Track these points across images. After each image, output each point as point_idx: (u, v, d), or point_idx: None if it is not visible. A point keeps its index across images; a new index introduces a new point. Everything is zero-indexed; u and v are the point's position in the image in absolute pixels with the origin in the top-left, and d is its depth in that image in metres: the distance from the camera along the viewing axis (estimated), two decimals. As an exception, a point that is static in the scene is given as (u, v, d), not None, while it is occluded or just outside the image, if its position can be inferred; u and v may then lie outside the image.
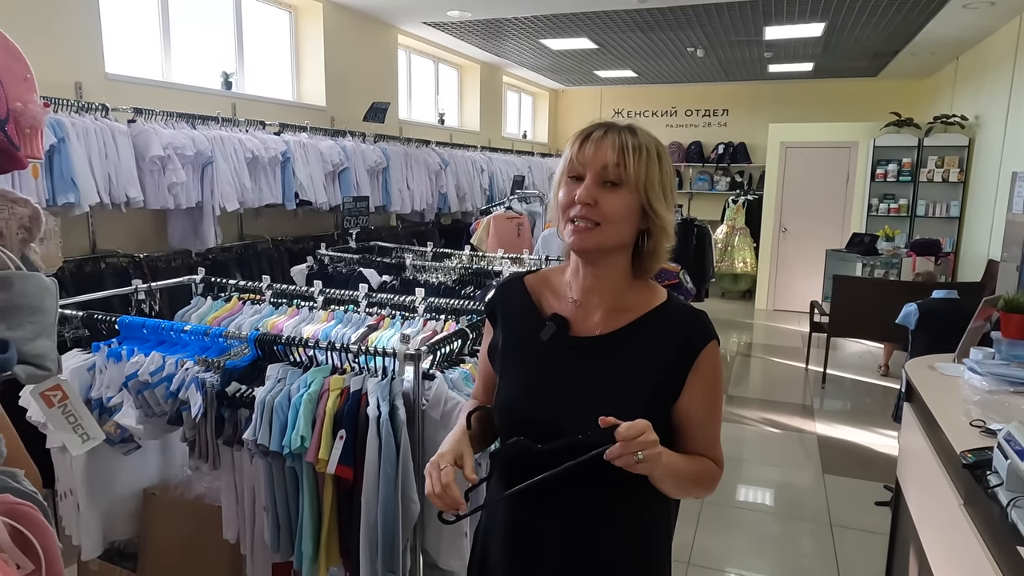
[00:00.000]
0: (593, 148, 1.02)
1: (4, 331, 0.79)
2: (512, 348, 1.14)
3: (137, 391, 1.85)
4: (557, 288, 1.15)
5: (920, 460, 2.30)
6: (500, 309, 1.19)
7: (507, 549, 1.13)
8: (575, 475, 1.06)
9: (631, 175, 1.01)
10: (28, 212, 0.89)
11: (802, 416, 4.66)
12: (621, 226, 1.04)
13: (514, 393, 1.11)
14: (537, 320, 1.12)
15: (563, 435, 1.04)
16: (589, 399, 1.05)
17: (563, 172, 1.06)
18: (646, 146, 1.03)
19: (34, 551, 0.90)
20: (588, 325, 1.10)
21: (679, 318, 1.09)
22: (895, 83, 8.56)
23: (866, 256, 6.47)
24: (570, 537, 1.08)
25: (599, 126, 1.05)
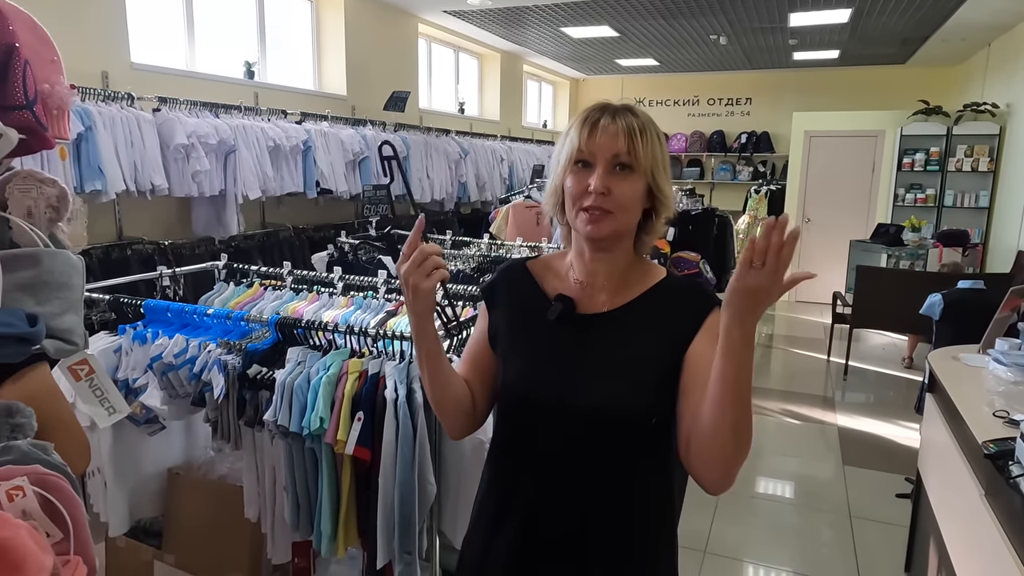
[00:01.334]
0: (604, 136, 1.02)
1: (33, 306, 0.81)
2: (518, 329, 1.14)
3: (161, 372, 1.90)
4: (559, 271, 1.16)
5: (942, 451, 2.27)
6: (502, 292, 1.18)
7: (512, 533, 1.11)
8: (587, 458, 1.07)
9: (641, 159, 1.02)
10: (56, 192, 0.91)
11: (823, 408, 4.62)
12: (633, 211, 1.05)
13: (524, 372, 1.11)
14: (542, 301, 1.13)
15: (577, 409, 1.05)
16: (600, 374, 1.06)
17: (569, 159, 1.05)
18: (648, 127, 1.04)
19: (63, 520, 0.94)
20: (595, 303, 1.10)
21: (682, 290, 1.11)
22: (924, 70, 8.38)
23: (891, 247, 6.37)
24: (578, 520, 1.07)
25: (601, 110, 1.05)
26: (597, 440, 1.06)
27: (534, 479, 1.10)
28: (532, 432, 1.10)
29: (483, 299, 1.21)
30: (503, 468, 1.15)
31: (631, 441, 1.06)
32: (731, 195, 9.27)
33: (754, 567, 2.83)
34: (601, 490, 1.07)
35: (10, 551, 0.81)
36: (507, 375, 1.13)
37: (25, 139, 0.77)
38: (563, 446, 1.08)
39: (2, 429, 1.02)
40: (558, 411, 1.07)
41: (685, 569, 2.74)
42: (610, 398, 1.04)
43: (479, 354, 1.18)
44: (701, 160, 9.69)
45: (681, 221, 5.99)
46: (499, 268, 1.24)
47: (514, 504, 1.11)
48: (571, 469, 1.08)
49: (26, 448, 0.97)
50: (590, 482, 1.07)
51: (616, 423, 1.05)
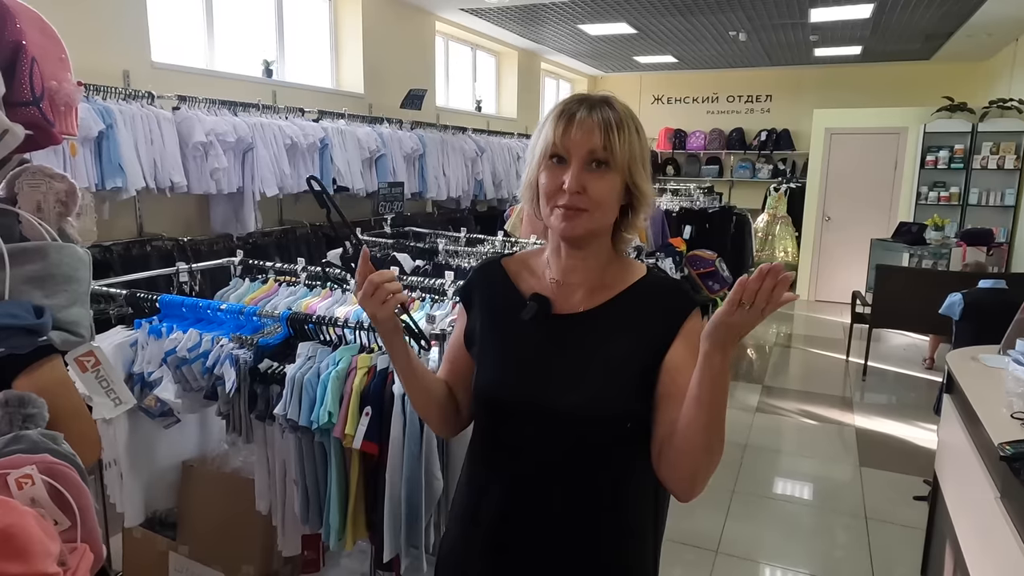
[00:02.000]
0: (579, 131, 0.98)
1: (40, 298, 0.83)
2: (492, 329, 1.12)
3: (176, 366, 1.93)
4: (536, 269, 1.13)
5: (958, 452, 2.23)
6: (477, 292, 1.16)
7: (488, 536, 1.09)
8: (561, 461, 1.04)
9: (618, 156, 0.98)
10: (65, 187, 0.93)
11: (841, 408, 4.57)
12: (609, 209, 1.02)
13: (497, 373, 1.08)
14: (517, 301, 1.10)
15: (551, 412, 1.02)
16: (574, 377, 1.03)
17: (543, 154, 1.01)
18: (626, 121, 1.00)
19: (70, 508, 0.96)
20: (570, 303, 1.07)
21: (661, 290, 1.07)
22: (949, 66, 8.22)
23: (913, 246, 6.27)
24: (551, 527, 1.05)
25: (579, 103, 1.01)
26: (569, 444, 1.03)
27: (504, 481, 1.08)
28: (504, 434, 1.08)
29: (460, 300, 1.19)
30: (476, 468, 1.14)
31: (605, 445, 1.03)
32: (750, 193, 9.18)
33: (767, 568, 2.80)
34: (574, 495, 1.05)
35: (17, 537, 0.83)
36: (479, 376, 1.10)
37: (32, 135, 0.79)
38: (534, 449, 1.05)
39: (15, 419, 1.04)
40: (529, 414, 1.04)
41: (696, 569, 2.73)
42: (583, 401, 1.01)
43: (458, 356, 1.17)
44: (720, 158, 9.60)
45: (698, 219, 5.96)
46: (474, 267, 1.22)
47: (485, 505, 1.09)
48: (542, 473, 1.05)
49: (36, 438, 0.99)
50: (561, 487, 1.04)
51: (589, 427, 1.02)
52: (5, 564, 0.82)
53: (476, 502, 1.12)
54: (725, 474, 3.57)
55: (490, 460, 1.11)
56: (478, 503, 1.11)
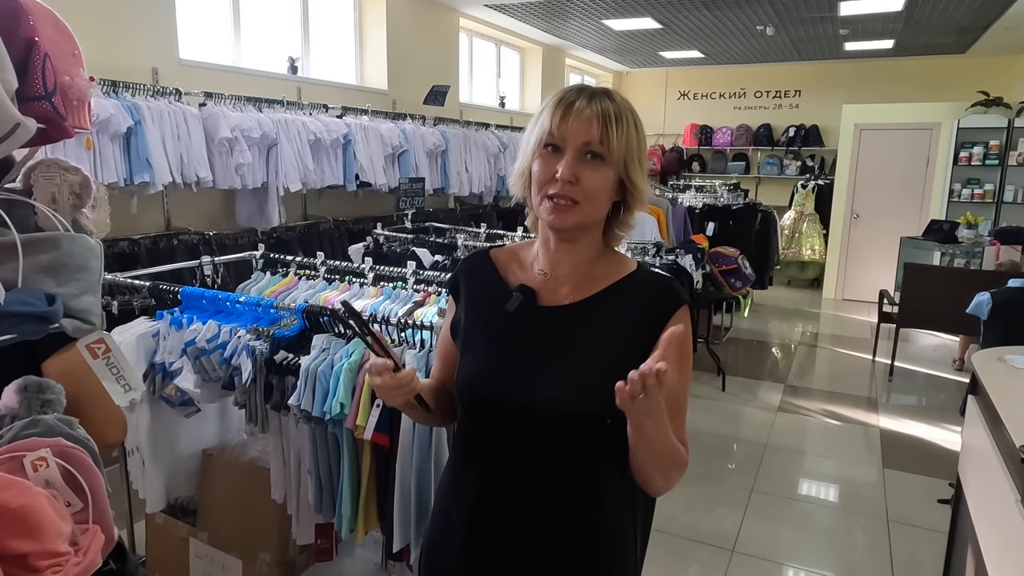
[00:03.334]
0: (576, 121, 0.97)
1: (52, 287, 0.86)
2: (476, 321, 1.11)
3: (195, 357, 1.97)
4: (524, 261, 1.12)
5: (981, 455, 2.19)
6: (464, 283, 1.15)
7: (465, 533, 1.09)
8: (538, 456, 1.04)
9: (613, 149, 0.97)
10: (79, 180, 0.96)
11: (866, 409, 4.49)
12: (600, 202, 1.01)
13: (478, 366, 1.07)
14: (503, 292, 1.09)
15: (530, 406, 1.02)
16: (555, 370, 1.02)
17: (539, 141, 1.00)
18: (625, 115, 0.99)
19: (83, 491, 0.99)
20: (557, 296, 1.06)
21: (649, 285, 1.06)
22: (985, 60, 8.00)
23: (945, 244, 6.12)
24: (528, 522, 1.04)
25: (577, 93, 0.99)
26: (547, 439, 1.02)
27: (481, 476, 1.07)
28: (482, 427, 1.08)
29: (449, 291, 1.18)
30: (457, 460, 1.14)
31: (584, 441, 1.02)
32: (778, 190, 9.05)
33: (783, 568, 2.77)
34: (550, 491, 1.04)
35: (30, 517, 0.86)
36: (461, 368, 1.09)
37: (45, 128, 0.81)
38: (511, 443, 1.04)
39: (33, 404, 1.08)
40: (508, 406, 1.03)
41: (711, 568, 2.71)
42: (562, 396, 1.00)
43: (447, 349, 1.17)
44: (747, 154, 9.48)
45: (722, 216, 5.90)
46: (463, 259, 1.21)
47: (462, 500, 1.09)
48: (518, 468, 1.04)
49: (52, 422, 1.03)
50: (538, 483, 1.04)
51: (567, 422, 1.01)
52: (18, 542, 0.85)
53: (454, 497, 1.12)
54: (744, 473, 3.53)
55: (468, 453, 1.11)
56: (455, 498, 1.11)
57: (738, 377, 5.05)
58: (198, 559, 2.30)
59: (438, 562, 1.14)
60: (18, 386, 1.11)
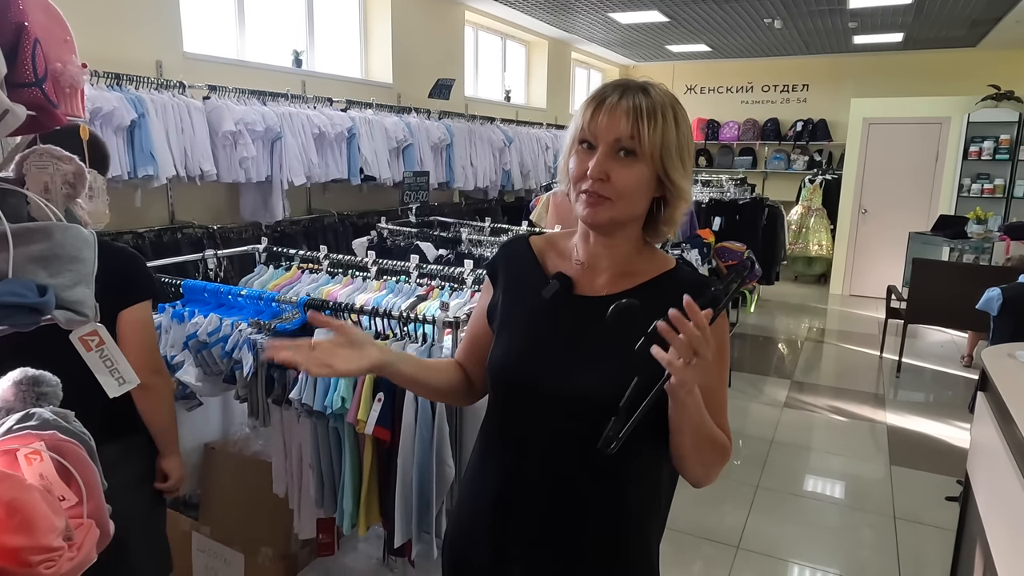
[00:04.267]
0: (607, 117, 0.96)
1: (45, 278, 0.85)
2: (512, 306, 1.11)
3: (196, 350, 1.96)
4: (563, 250, 1.12)
5: (990, 452, 2.16)
6: (503, 268, 1.16)
7: (491, 519, 1.09)
8: (564, 448, 1.04)
9: (646, 145, 0.95)
10: (73, 169, 0.94)
11: (873, 405, 4.45)
12: (634, 199, 0.99)
13: (511, 351, 1.08)
14: (540, 279, 1.09)
15: (560, 394, 1.02)
16: (587, 359, 1.02)
17: (574, 139, 1.01)
18: (661, 110, 0.96)
19: (77, 485, 0.98)
20: (594, 286, 1.06)
21: (687, 284, 1.03)
22: (996, 54, 7.90)
23: (954, 240, 6.07)
24: (554, 513, 1.04)
25: (613, 88, 0.99)
26: (575, 427, 1.02)
27: (510, 462, 1.07)
28: (512, 413, 1.08)
29: (487, 274, 1.18)
30: (486, 446, 1.14)
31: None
32: (785, 185, 8.99)
33: (788, 565, 2.75)
34: (578, 479, 1.04)
35: (21, 511, 0.85)
36: (493, 352, 1.10)
37: (35, 116, 0.80)
38: (541, 430, 1.04)
39: (28, 397, 1.07)
40: (538, 393, 1.04)
41: (716, 564, 2.69)
42: (592, 385, 1.00)
43: (479, 330, 1.18)
44: (754, 149, 9.42)
45: (728, 210, 5.86)
46: (502, 244, 1.21)
47: (489, 487, 1.09)
48: (546, 455, 1.04)
49: (47, 415, 1.01)
50: (566, 470, 1.03)
51: (597, 411, 0.99)
52: (10, 537, 0.84)
53: (481, 484, 1.13)
54: (749, 469, 3.51)
55: (498, 440, 1.11)
56: (483, 485, 1.12)
57: (744, 373, 5.02)
58: (200, 553, 2.30)
59: (463, 547, 1.15)
60: (13, 379, 1.10)
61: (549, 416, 1.04)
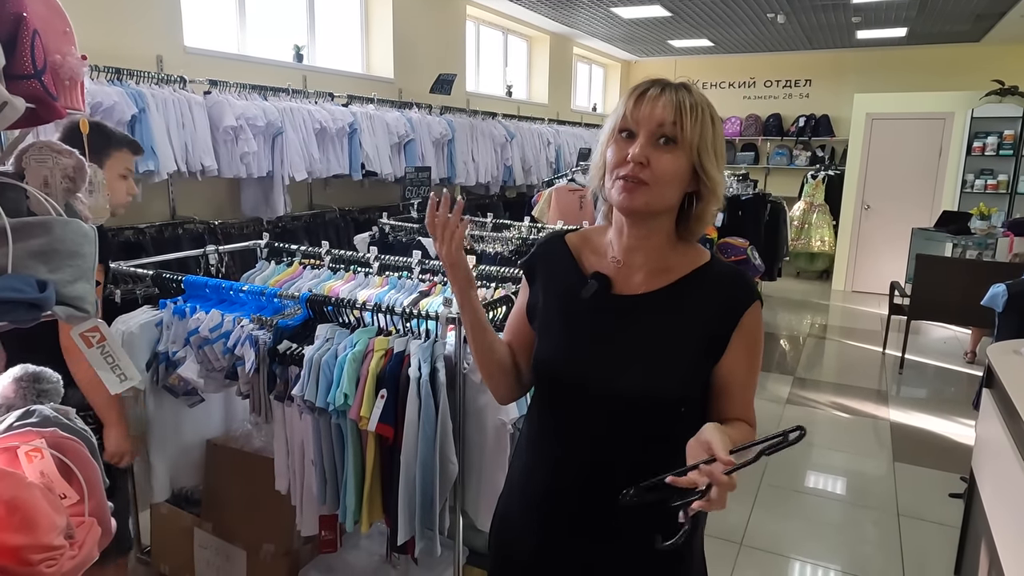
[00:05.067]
0: (650, 106, 0.99)
1: (45, 273, 0.83)
2: (553, 306, 1.13)
3: (198, 346, 1.95)
4: (598, 247, 1.14)
5: (996, 448, 2.15)
6: (540, 267, 1.17)
7: (539, 513, 1.14)
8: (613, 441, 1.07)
9: (687, 135, 0.98)
10: (72, 163, 0.93)
11: (876, 402, 4.44)
12: (671, 187, 1.01)
13: (554, 351, 1.10)
14: (579, 278, 1.11)
15: (606, 393, 1.05)
16: (631, 358, 1.05)
17: (614, 128, 1.03)
18: (701, 106, 1.00)
19: (79, 483, 0.97)
20: (631, 284, 1.08)
21: (723, 278, 1.07)
22: (1000, 48, 7.86)
23: (957, 236, 6.04)
24: (604, 504, 1.06)
25: (655, 83, 1.02)
26: (621, 424, 1.05)
27: (556, 456, 1.11)
28: (559, 411, 1.11)
29: (524, 273, 1.20)
30: (534, 445, 1.16)
31: (658, 426, 1.05)
32: (787, 181, 8.96)
33: (792, 562, 2.74)
34: (624, 474, 1.04)
35: (22, 509, 0.84)
36: (539, 352, 1.13)
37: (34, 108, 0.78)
38: (587, 428, 1.07)
39: (28, 394, 1.06)
40: (584, 392, 1.06)
41: (720, 560, 2.68)
42: (639, 384, 1.03)
43: (520, 327, 1.20)
44: (756, 144, 9.38)
45: (730, 206, 5.83)
46: (539, 242, 1.24)
47: (536, 482, 1.13)
48: (594, 451, 1.07)
49: (48, 412, 1.00)
50: (613, 466, 1.06)
51: (644, 409, 1.04)
52: (11, 535, 0.83)
53: (527, 479, 1.16)
54: (752, 466, 3.49)
55: (545, 437, 1.14)
56: (528, 480, 1.15)
57: (746, 369, 5.00)
58: (202, 549, 2.29)
59: (510, 539, 1.18)
60: (14, 375, 1.09)
61: (595, 413, 1.07)
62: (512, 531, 1.19)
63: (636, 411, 1.04)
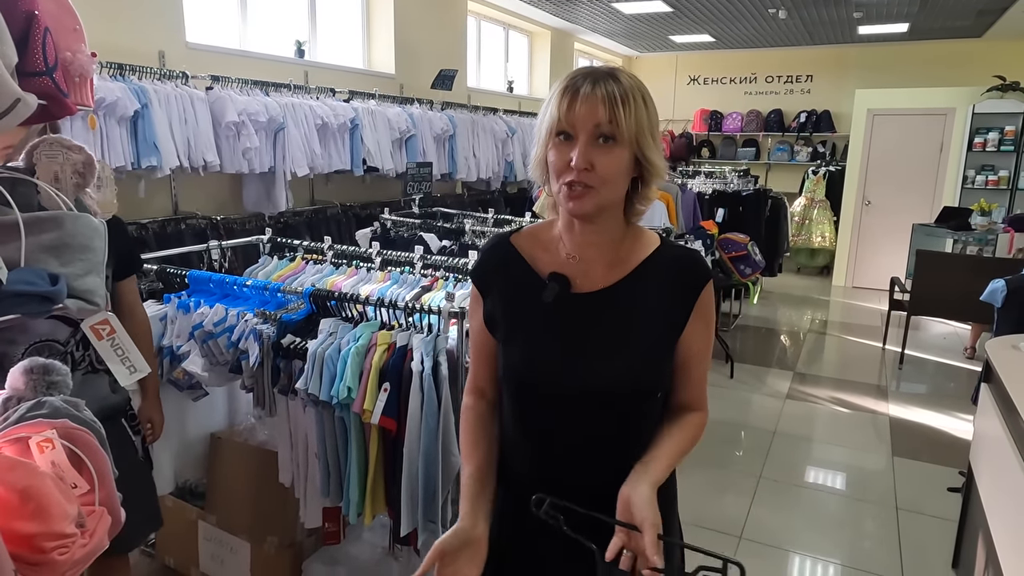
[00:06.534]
0: (584, 106, 0.96)
1: (56, 267, 0.85)
2: (514, 312, 1.10)
3: (202, 340, 1.97)
4: (549, 244, 1.11)
5: (994, 443, 2.17)
6: (491, 276, 1.14)
7: (517, 528, 1.13)
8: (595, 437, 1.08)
9: (623, 129, 0.96)
10: (82, 159, 0.95)
11: (875, 397, 4.46)
12: (617, 184, 1.00)
13: (527, 358, 1.08)
14: (535, 280, 1.08)
15: (588, 391, 1.05)
16: (605, 354, 1.05)
17: (550, 130, 0.99)
18: (632, 93, 0.97)
19: (89, 473, 0.98)
20: (590, 280, 1.07)
21: (678, 261, 1.08)
22: (1002, 44, 7.85)
23: (958, 231, 6.05)
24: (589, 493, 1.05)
25: (582, 78, 0.98)
26: (606, 418, 1.06)
27: (540, 457, 1.10)
28: (538, 413, 1.09)
29: (475, 284, 1.16)
30: (510, 448, 1.15)
31: (637, 414, 1.07)
32: (788, 176, 8.96)
33: (791, 555, 2.76)
34: (609, 463, 1.07)
35: (35, 498, 0.86)
36: (509, 360, 1.10)
37: (46, 105, 0.80)
38: (572, 426, 1.07)
39: (39, 385, 1.07)
40: (565, 393, 1.06)
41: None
42: (618, 378, 1.04)
43: (484, 344, 1.16)
44: (757, 140, 9.38)
45: (732, 202, 5.85)
46: (482, 248, 1.19)
47: (522, 481, 1.12)
48: (578, 445, 1.08)
49: (58, 404, 1.02)
50: (598, 457, 1.08)
51: (624, 400, 1.05)
52: (24, 524, 0.85)
53: (510, 479, 1.15)
54: (751, 460, 3.52)
55: (522, 438, 1.13)
56: (513, 480, 1.15)
57: (747, 364, 5.02)
58: (207, 541, 2.32)
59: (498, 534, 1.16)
60: (24, 368, 1.10)
61: (575, 411, 1.07)
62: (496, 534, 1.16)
63: (616, 405, 1.05)
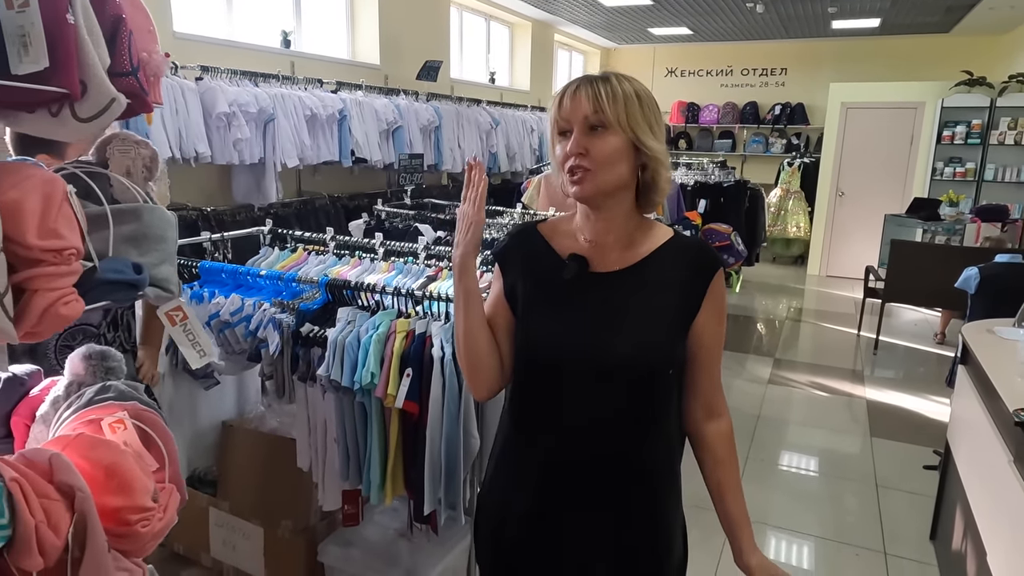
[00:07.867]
0: (571, 102, 1.08)
1: (136, 256, 0.90)
2: (535, 290, 1.18)
3: (219, 330, 2.00)
4: (569, 232, 1.21)
5: (972, 421, 2.30)
6: (514, 255, 1.23)
7: (540, 485, 1.18)
8: (612, 410, 1.14)
9: (610, 116, 1.06)
10: (149, 153, 0.99)
11: (852, 381, 4.63)
12: (614, 166, 1.09)
13: (547, 334, 1.15)
14: (556, 261, 1.18)
15: (604, 367, 1.12)
16: (621, 330, 1.12)
17: (553, 130, 1.13)
18: (618, 85, 1.08)
19: (159, 452, 1.04)
20: (607, 262, 1.16)
21: (690, 249, 1.18)
22: (969, 40, 8.11)
23: (927, 222, 6.27)
24: (599, 468, 1.15)
25: (577, 81, 1.11)
26: (618, 392, 1.13)
27: (557, 432, 1.16)
28: (555, 389, 1.15)
29: (496, 262, 1.25)
30: (523, 424, 1.20)
31: (650, 391, 1.14)
32: (763, 168, 9.15)
33: (776, 532, 2.89)
34: (622, 441, 1.15)
35: (120, 474, 0.91)
36: (530, 336, 1.17)
37: (130, 103, 0.84)
38: (585, 400, 1.14)
39: (98, 371, 1.12)
40: (584, 368, 1.12)
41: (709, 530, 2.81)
42: (634, 353, 1.11)
43: (497, 317, 1.23)
44: (733, 132, 9.56)
45: (713, 193, 5.98)
46: (509, 232, 1.30)
47: (536, 458, 1.18)
48: (592, 421, 1.14)
49: (123, 387, 1.07)
50: (612, 435, 1.14)
51: (639, 376, 1.12)
52: (110, 497, 0.90)
53: (524, 456, 1.20)
54: (738, 443, 3.58)
55: (538, 414, 1.18)
56: (527, 457, 1.20)
57: (728, 351, 5.16)
58: (218, 528, 2.35)
59: (504, 517, 1.22)
60: (82, 354, 1.14)
61: (591, 386, 1.13)
62: (504, 511, 1.23)
63: (633, 378, 1.12)
